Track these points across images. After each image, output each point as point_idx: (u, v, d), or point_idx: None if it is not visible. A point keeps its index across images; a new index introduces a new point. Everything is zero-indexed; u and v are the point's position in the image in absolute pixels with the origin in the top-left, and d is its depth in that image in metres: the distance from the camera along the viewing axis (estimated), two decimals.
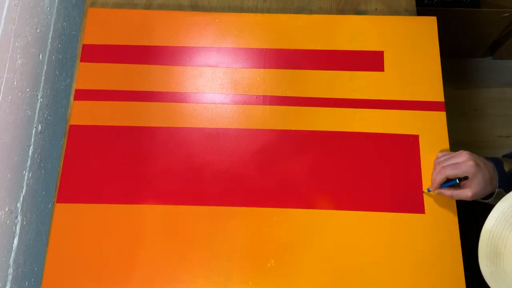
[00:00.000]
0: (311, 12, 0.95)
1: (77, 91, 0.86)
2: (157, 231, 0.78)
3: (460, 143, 0.79)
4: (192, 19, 0.91)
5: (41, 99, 0.91)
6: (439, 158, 0.78)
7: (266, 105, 0.85)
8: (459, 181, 0.73)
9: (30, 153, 0.86)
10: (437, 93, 0.85)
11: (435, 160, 0.78)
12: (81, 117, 0.84)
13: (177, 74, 0.88)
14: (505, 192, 0.73)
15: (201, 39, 0.90)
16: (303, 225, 0.78)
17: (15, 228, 0.81)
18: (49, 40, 0.94)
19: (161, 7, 0.94)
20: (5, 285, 0.77)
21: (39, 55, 0.89)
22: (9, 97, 0.79)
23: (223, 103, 0.86)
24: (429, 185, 0.79)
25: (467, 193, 0.72)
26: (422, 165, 0.81)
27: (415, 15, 0.93)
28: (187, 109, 0.85)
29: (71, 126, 0.84)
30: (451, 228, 0.77)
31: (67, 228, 0.78)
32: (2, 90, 0.77)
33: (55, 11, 0.96)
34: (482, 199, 0.75)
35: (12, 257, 0.80)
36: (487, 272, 0.61)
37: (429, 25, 0.90)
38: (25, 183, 0.84)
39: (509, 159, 0.78)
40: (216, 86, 0.87)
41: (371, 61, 0.88)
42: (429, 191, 0.78)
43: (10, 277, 0.79)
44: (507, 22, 1.51)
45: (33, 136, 0.87)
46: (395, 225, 0.78)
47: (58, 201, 0.79)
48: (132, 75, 0.87)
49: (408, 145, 0.82)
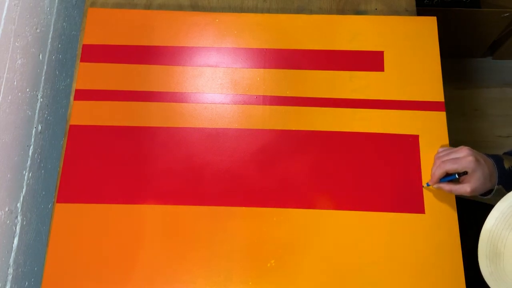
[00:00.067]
0: (311, 12, 0.95)
1: (77, 91, 0.86)
2: (157, 231, 0.78)
3: (460, 143, 0.79)
4: (192, 19, 0.91)
5: (41, 99, 0.91)
6: (439, 153, 0.78)
7: (266, 105, 0.85)
8: (458, 176, 0.72)
9: (30, 153, 0.86)
10: (437, 93, 0.86)
11: (435, 155, 0.78)
12: (81, 117, 0.84)
13: (177, 74, 0.88)
14: (505, 189, 0.73)
15: (201, 39, 0.90)
16: (303, 225, 0.78)
17: (15, 228, 0.81)
18: (49, 40, 0.94)
19: (161, 7, 0.94)
20: (5, 285, 0.77)
21: (39, 55, 0.89)
22: (9, 97, 0.79)
23: (223, 103, 0.86)
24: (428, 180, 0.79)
25: (466, 188, 0.71)
26: (422, 165, 0.81)
27: (415, 15, 0.93)
28: (187, 109, 0.85)
29: (71, 126, 0.84)
30: (451, 228, 0.77)
31: (67, 228, 0.78)
32: (2, 90, 0.77)
33: (55, 11, 0.96)
34: (481, 195, 0.75)
35: (12, 257, 0.80)
36: (487, 272, 0.61)
37: (429, 25, 0.90)
38: (25, 183, 0.84)
39: (509, 156, 0.78)
40: (216, 86, 0.87)
41: (371, 61, 0.88)
42: (428, 185, 0.78)
43: (10, 277, 0.79)
44: (507, 22, 1.51)
45: (33, 136, 0.87)
46: (395, 225, 0.78)
47: (58, 201, 0.79)
48: (132, 75, 0.87)
49: (408, 145, 0.82)
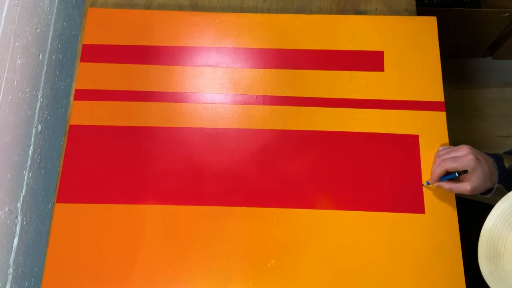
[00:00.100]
0: (311, 12, 0.95)
1: (77, 91, 0.86)
2: (157, 231, 0.78)
3: (460, 143, 0.79)
4: (192, 19, 0.91)
5: (41, 99, 0.91)
6: (439, 151, 0.78)
7: (266, 105, 0.85)
8: (458, 174, 0.72)
9: (30, 153, 0.86)
10: (437, 93, 0.85)
11: (436, 153, 0.78)
12: (81, 117, 0.84)
13: (177, 74, 0.88)
14: (504, 187, 0.73)
15: (201, 39, 0.90)
16: (303, 225, 0.78)
17: (15, 228, 0.81)
18: (49, 40, 0.94)
19: (161, 7, 0.94)
20: (5, 285, 0.77)
21: (39, 55, 0.89)
22: (9, 97, 0.79)
23: (223, 103, 0.86)
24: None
25: (466, 186, 0.71)
26: (422, 165, 0.81)
27: (415, 15, 0.93)
28: (187, 109, 0.85)
29: (71, 126, 0.84)
30: (451, 228, 0.77)
31: (67, 228, 0.78)
32: (2, 90, 0.77)
33: (55, 11, 0.96)
34: (481, 194, 0.75)
35: (12, 257, 0.80)
36: (487, 271, 0.61)
37: (429, 25, 0.90)
38: (25, 183, 0.84)
39: (509, 155, 0.78)
40: (216, 86, 0.87)
41: (371, 61, 0.88)
42: (428, 184, 0.78)
43: (10, 277, 0.79)
44: (507, 22, 1.51)
45: (33, 136, 0.87)
46: (395, 225, 0.78)
47: (58, 201, 0.79)
48: (132, 75, 0.87)
49: (408, 145, 0.82)
